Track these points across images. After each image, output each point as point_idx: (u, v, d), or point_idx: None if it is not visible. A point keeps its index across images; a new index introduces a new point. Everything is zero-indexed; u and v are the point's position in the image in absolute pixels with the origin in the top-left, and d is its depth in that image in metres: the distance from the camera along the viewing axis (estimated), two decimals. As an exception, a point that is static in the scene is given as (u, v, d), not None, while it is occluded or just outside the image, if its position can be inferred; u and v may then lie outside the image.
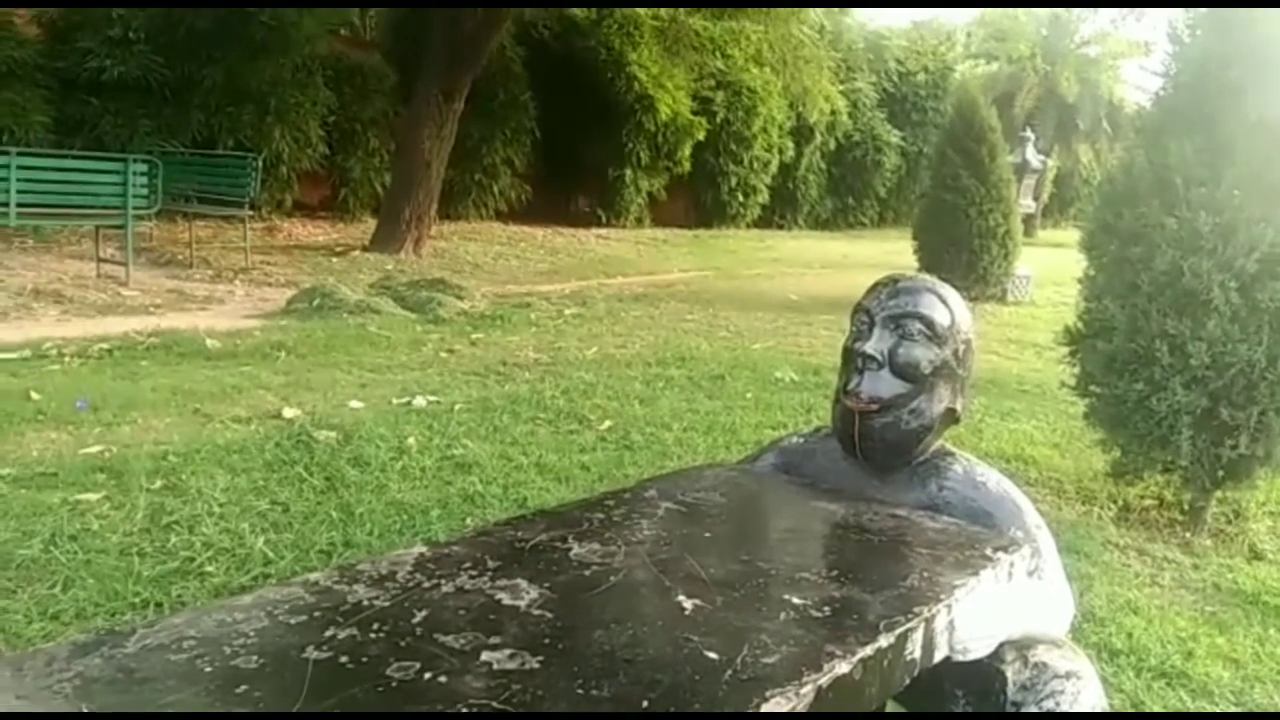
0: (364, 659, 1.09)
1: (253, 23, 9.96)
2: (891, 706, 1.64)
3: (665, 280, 10.06)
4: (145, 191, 6.69)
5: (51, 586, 2.29)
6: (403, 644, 1.13)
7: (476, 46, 10.20)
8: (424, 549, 1.45)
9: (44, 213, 6.56)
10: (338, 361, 4.94)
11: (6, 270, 6.94)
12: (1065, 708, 1.46)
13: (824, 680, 1.09)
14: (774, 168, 18.10)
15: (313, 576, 1.41)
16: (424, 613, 1.21)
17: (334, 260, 9.22)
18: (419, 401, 4.16)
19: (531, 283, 9.04)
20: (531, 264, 10.71)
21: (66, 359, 4.57)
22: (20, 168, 6.09)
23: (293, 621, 1.18)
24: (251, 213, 8.55)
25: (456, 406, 4.11)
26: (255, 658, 1.09)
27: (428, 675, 1.05)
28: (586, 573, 1.36)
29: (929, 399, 1.70)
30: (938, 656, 1.32)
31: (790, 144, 18.57)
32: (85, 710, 0.98)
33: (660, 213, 16.79)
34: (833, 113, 17.96)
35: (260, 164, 8.38)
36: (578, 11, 15.31)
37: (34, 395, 3.82)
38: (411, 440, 3.57)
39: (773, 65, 14.98)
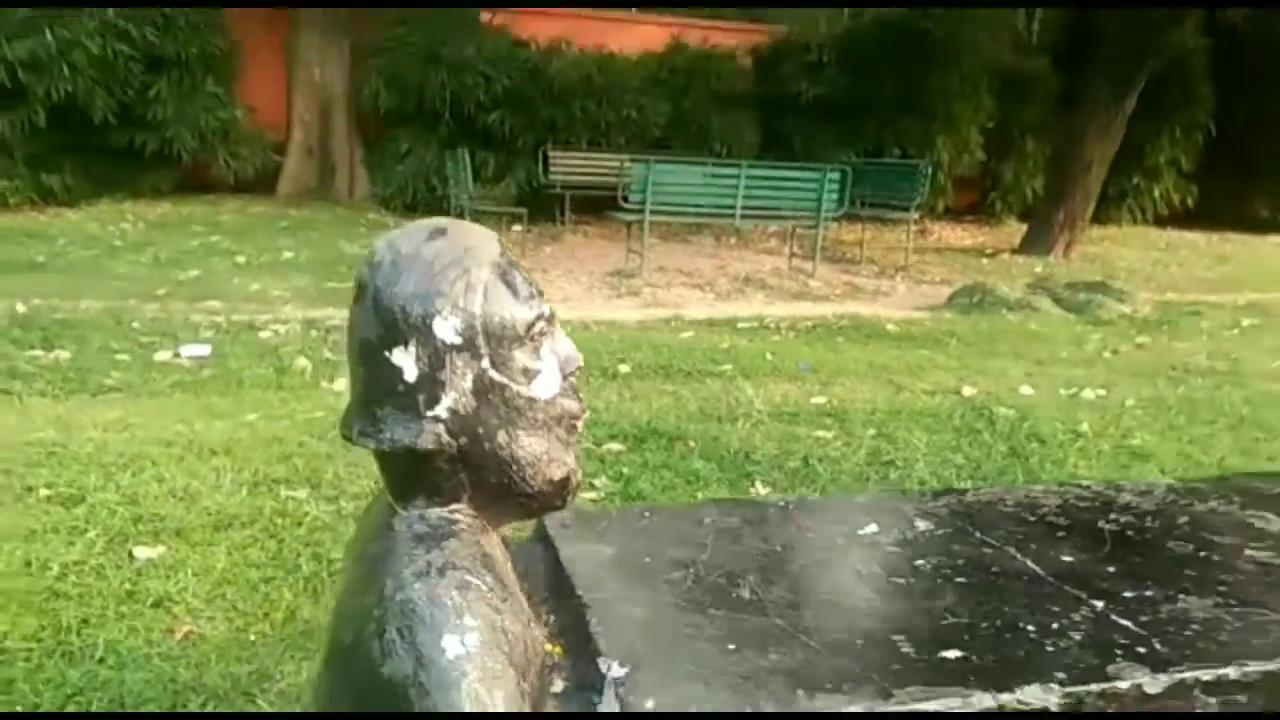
0: (1146, 535, 1.48)
1: (929, 39, 10.77)
2: None
3: (1378, 298, 8.52)
4: (836, 197, 7.80)
5: (814, 491, 3.07)
6: (1177, 531, 1.49)
7: (1158, 42, 9.67)
8: (1172, 481, 1.79)
9: (757, 214, 8.04)
10: (1002, 352, 5.33)
11: (725, 262, 8.65)
12: None
13: None
14: None
15: (1085, 481, 1.84)
16: (1185, 518, 1.55)
17: (984, 261, 9.61)
18: (1087, 394, 4.37)
19: (1197, 291, 8.41)
20: (1196, 272, 9.87)
21: (782, 331, 5.69)
22: (748, 177, 7.58)
23: (1080, 504, 1.61)
24: (915, 216, 9.33)
25: (1127, 402, 4.23)
26: (1063, 519, 1.54)
27: (1202, 553, 1.40)
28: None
29: None
30: None
31: None
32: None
33: (1371, 219, 14.00)
34: None
35: (929, 171, 9.08)
36: (1279, -11, 13.42)
37: (769, 355, 4.89)
38: (1085, 426, 3.82)
39: None
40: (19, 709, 1.68)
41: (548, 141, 10.01)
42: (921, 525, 1.48)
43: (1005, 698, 0.98)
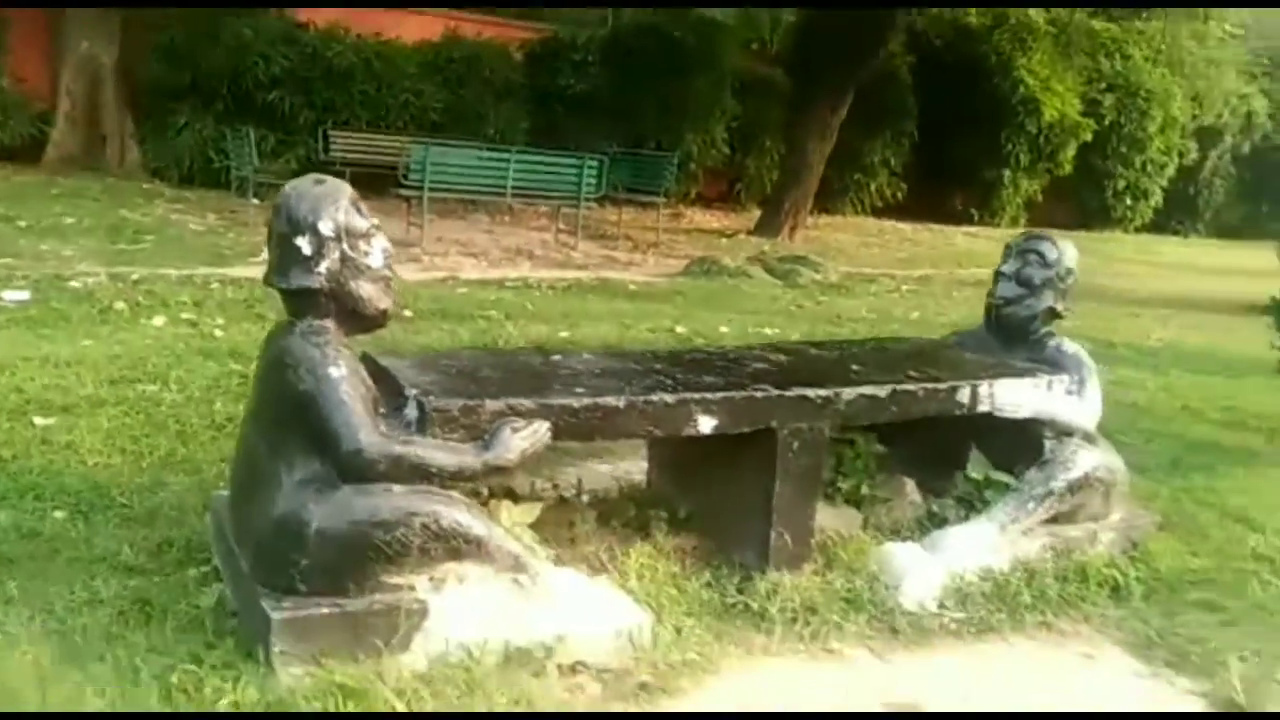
0: (714, 364, 2.68)
1: (682, 44, 12.21)
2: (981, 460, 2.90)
3: (1017, 274, 10.76)
4: (595, 182, 9.01)
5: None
6: (724, 359, 2.70)
7: (862, 59, 11.53)
8: (747, 346, 3.03)
9: (526, 194, 9.11)
10: (716, 305, 6.71)
11: (498, 236, 9.66)
12: (1068, 461, 2.68)
13: (898, 387, 2.49)
14: (1170, 171, 17.42)
15: (692, 347, 3.05)
16: (735, 356, 2.78)
17: (723, 240, 11.18)
18: (767, 331, 5.78)
19: (886, 267, 10.31)
20: (891, 252, 11.91)
21: (543, 289, 6.80)
22: (516, 162, 8.63)
23: (702, 352, 2.80)
24: (665, 200, 10.72)
25: (794, 336, 5.65)
26: (689, 357, 2.72)
27: (731, 367, 2.62)
28: (814, 353, 2.86)
29: (1037, 300, 2.94)
30: (982, 407, 2.63)
31: (1193, 147, 17.71)
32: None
33: (1037, 214, 16.99)
34: (1248, 114, 16.89)
35: (676, 162, 10.47)
36: (973, 18, 16.00)
37: (529, 306, 5.99)
38: (759, 352, 5.18)
39: (1171, 65, 14.66)
40: (-9, 499, 2.47)
41: (327, 121, 10.58)
42: (628, 361, 2.61)
43: (632, 399, 2.12)
